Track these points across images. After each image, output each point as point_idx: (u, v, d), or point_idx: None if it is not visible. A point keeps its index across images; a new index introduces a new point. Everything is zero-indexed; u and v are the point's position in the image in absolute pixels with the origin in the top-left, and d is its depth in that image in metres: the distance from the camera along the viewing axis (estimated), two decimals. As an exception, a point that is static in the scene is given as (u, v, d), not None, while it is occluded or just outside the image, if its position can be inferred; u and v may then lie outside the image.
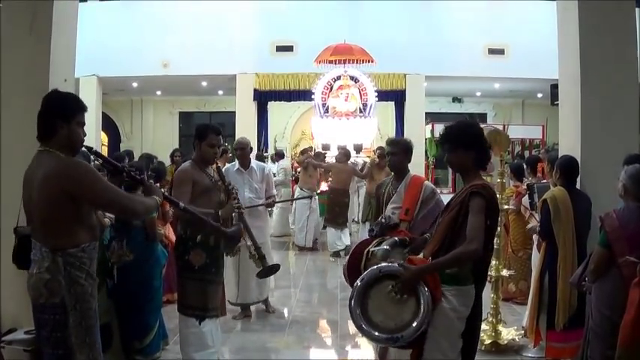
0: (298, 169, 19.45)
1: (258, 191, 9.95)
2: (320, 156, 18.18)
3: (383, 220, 6.30)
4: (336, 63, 22.29)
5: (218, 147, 7.05)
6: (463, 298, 4.84)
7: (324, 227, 16.91)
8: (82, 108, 4.67)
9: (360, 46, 21.77)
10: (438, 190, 7.39)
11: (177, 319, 7.06)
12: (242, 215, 7.15)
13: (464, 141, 5.01)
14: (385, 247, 5.41)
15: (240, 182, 9.62)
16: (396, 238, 5.58)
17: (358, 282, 4.84)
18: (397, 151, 7.24)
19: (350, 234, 16.87)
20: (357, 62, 22.24)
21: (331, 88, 22.65)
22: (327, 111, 22.56)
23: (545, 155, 12.40)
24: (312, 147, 22.05)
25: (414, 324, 4.62)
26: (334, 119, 22.26)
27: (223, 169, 8.94)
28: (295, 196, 17.40)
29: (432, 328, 4.74)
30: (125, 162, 10.68)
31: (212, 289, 6.88)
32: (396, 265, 4.82)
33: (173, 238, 7.57)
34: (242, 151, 10.05)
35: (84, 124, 4.66)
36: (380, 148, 18.55)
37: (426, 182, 7.28)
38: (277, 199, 11.56)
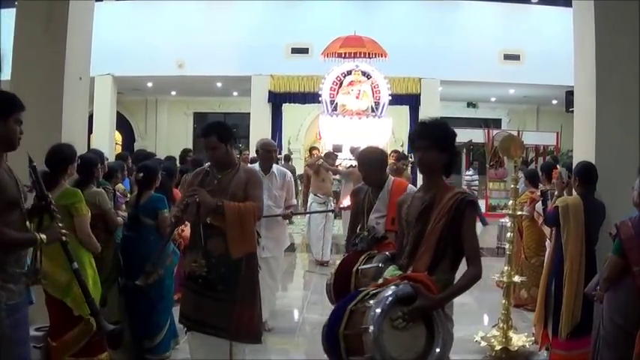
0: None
1: (277, 199, 9.08)
2: (330, 157, 16.47)
3: (366, 233, 5.88)
4: (345, 57, 21.61)
5: None
6: (451, 307, 4.61)
7: None
8: (19, 106, 4.64)
9: (371, 38, 21.24)
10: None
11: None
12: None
13: (441, 142, 4.67)
14: (377, 264, 4.99)
15: None
16: (387, 253, 5.06)
17: (373, 313, 4.04)
18: (365, 167, 6.46)
19: None
20: (368, 56, 21.55)
21: (341, 84, 21.75)
22: (335, 109, 21.71)
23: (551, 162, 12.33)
24: (316, 147, 21.29)
25: (437, 349, 4.14)
26: (344, 118, 21.21)
27: None
28: (310, 203, 15.41)
29: None
30: (128, 162, 10.71)
31: (205, 303, 6.15)
32: (409, 287, 4.20)
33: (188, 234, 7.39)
34: (267, 154, 9.16)
35: (21, 122, 4.64)
36: (395, 151, 18.08)
37: (410, 186, 6.50)
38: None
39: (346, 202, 13.10)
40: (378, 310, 4.04)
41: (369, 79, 21.76)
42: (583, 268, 7.07)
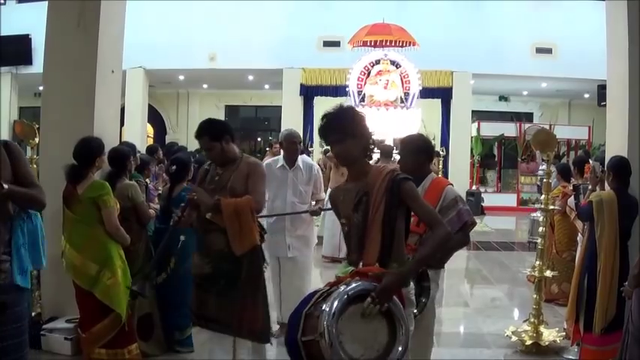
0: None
1: (303, 195, 8.51)
2: None
3: None
4: (373, 45, 21.04)
5: None
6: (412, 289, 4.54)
7: None
8: None
9: (399, 26, 20.69)
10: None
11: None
12: None
13: (351, 129, 4.45)
14: None
15: (284, 182, 8.37)
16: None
17: (326, 318, 3.92)
18: (404, 153, 6.10)
19: None
20: (397, 44, 20.77)
21: (368, 74, 21.10)
22: (362, 99, 21.01)
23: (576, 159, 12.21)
24: None
25: (400, 347, 4.01)
26: (371, 109, 19.81)
27: (264, 164, 7.46)
28: (326, 198, 14.42)
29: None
30: (159, 154, 10.78)
31: (209, 299, 6.02)
32: (367, 283, 4.08)
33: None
34: (291, 145, 8.46)
35: None
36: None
37: (449, 187, 5.95)
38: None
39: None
40: (330, 315, 3.93)
41: (398, 68, 21.09)
42: (617, 263, 6.98)
